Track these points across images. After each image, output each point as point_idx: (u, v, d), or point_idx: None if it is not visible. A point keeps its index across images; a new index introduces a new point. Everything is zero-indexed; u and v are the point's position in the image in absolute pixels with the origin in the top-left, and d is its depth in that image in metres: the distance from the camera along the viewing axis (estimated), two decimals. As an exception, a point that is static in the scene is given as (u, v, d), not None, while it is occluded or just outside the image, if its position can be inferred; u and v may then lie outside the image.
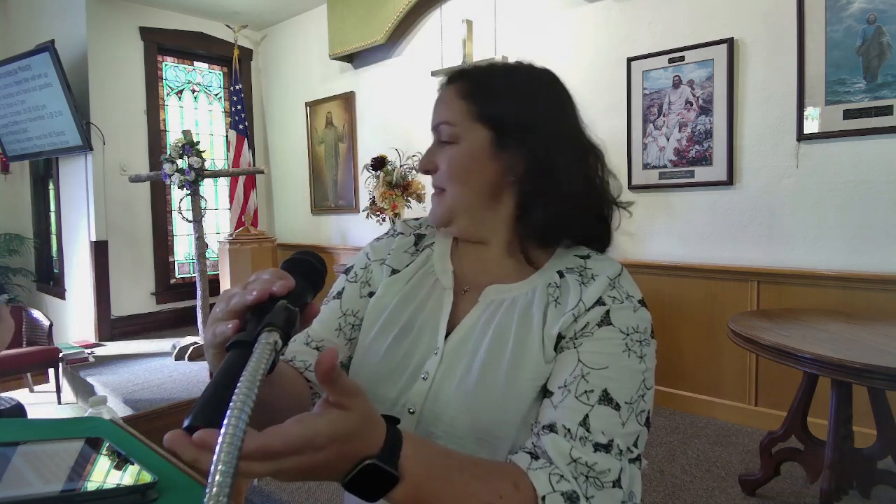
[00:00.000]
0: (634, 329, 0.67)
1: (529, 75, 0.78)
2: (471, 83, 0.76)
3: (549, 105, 0.75)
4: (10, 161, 5.67)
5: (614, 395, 0.63)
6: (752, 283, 2.90)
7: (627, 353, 0.66)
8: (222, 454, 0.41)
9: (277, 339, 0.54)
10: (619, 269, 0.73)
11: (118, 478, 0.88)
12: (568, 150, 0.73)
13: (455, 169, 0.74)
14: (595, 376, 0.63)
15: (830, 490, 1.90)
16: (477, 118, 0.74)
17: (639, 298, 0.70)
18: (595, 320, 0.67)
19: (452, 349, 0.72)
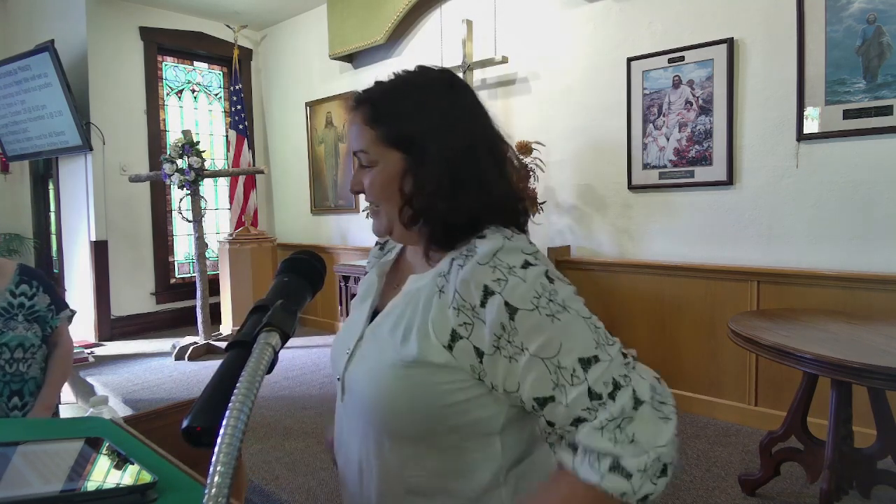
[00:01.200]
0: (537, 295, 0.69)
1: (425, 87, 0.81)
2: (372, 108, 0.80)
3: (448, 112, 0.79)
4: (10, 161, 5.67)
5: (587, 355, 0.67)
6: (752, 283, 2.90)
7: (554, 319, 0.68)
8: (221, 454, 0.41)
9: (277, 338, 0.54)
10: (497, 245, 0.73)
11: (118, 478, 0.88)
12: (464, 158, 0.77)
13: (377, 192, 0.81)
14: (564, 359, 0.67)
15: (830, 490, 1.89)
16: (385, 143, 0.78)
17: (521, 263, 0.71)
18: (504, 315, 0.69)
19: (372, 329, 0.82)
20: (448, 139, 0.77)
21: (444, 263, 0.77)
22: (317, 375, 4.00)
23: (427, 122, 0.78)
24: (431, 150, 0.77)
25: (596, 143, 3.48)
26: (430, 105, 0.80)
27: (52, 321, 1.90)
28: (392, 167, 0.79)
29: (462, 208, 0.76)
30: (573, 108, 3.58)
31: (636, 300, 3.30)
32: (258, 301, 0.61)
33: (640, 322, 3.29)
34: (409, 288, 0.80)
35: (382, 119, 0.79)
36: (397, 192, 0.79)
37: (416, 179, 0.78)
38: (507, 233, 0.77)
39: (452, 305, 0.72)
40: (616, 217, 3.44)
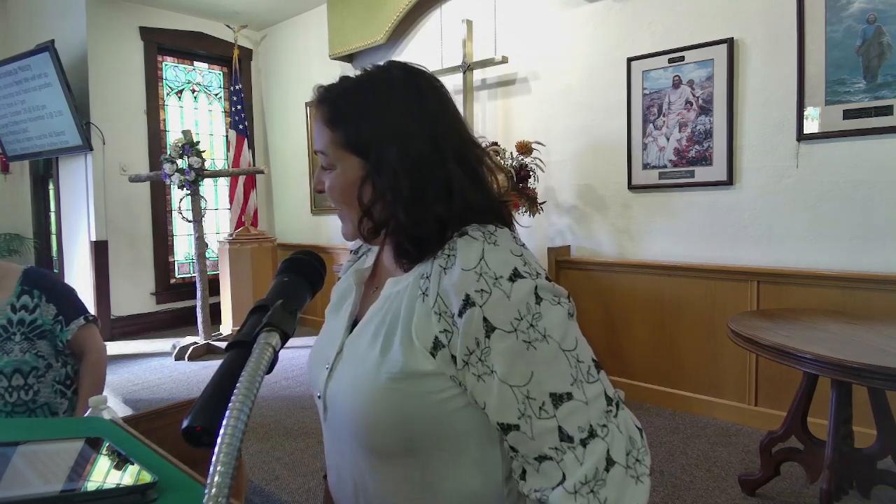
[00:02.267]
0: (518, 317, 0.64)
1: (387, 87, 0.75)
2: (330, 109, 0.75)
3: (407, 117, 0.74)
4: (10, 161, 5.67)
5: (560, 390, 0.63)
6: (752, 283, 2.90)
7: (530, 347, 0.64)
8: (221, 454, 0.41)
9: (277, 338, 0.54)
10: (480, 249, 0.67)
11: (118, 478, 0.88)
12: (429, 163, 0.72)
13: (336, 195, 0.77)
14: (533, 389, 0.63)
15: (830, 490, 1.89)
16: (343, 147, 0.74)
17: (509, 274, 0.66)
18: (480, 331, 0.65)
19: (351, 341, 0.78)
20: (409, 144, 0.72)
21: (425, 265, 0.72)
22: (317, 375, 4.00)
23: (386, 125, 0.73)
24: (390, 156, 0.71)
25: (596, 143, 3.48)
26: (390, 107, 0.74)
27: (62, 334, 1.66)
28: (350, 173, 0.74)
29: (426, 218, 0.71)
30: (573, 108, 3.58)
31: (636, 300, 3.30)
32: (258, 301, 0.61)
33: (640, 322, 3.29)
34: (388, 292, 0.75)
35: (340, 121, 0.74)
36: (357, 197, 0.74)
37: (376, 188, 0.73)
38: (490, 229, 0.71)
39: (434, 310, 0.68)
40: (616, 217, 3.44)
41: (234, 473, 0.40)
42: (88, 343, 1.72)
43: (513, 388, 0.64)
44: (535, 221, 3.58)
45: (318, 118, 0.77)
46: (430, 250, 0.71)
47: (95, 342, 1.74)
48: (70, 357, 1.72)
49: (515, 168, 3.39)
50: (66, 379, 1.70)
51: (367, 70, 0.78)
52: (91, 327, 1.74)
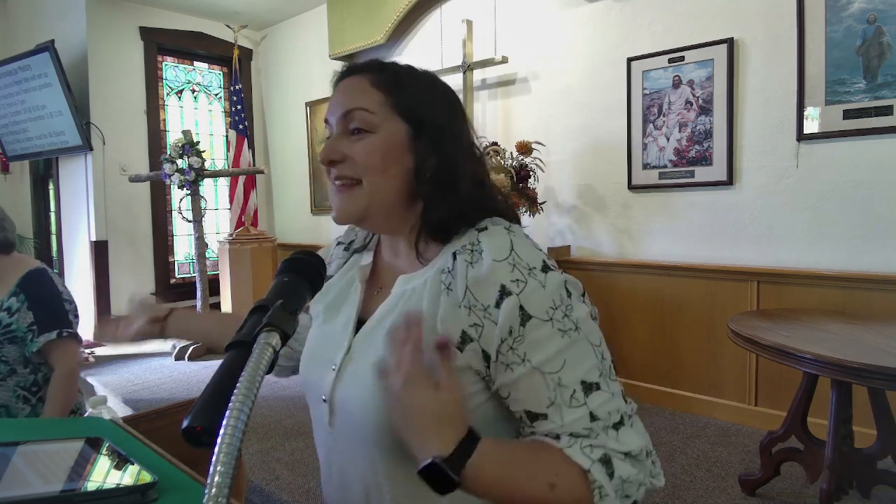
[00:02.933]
0: (554, 306, 0.65)
1: (429, 77, 0.79)
2: (387, 74, 0.75)
3: (450, 107, 0.78)
4: (10, 161, 5.67)
5: (591, 379, 0.65)
6: (752, 283, 2.90)
7: (566, 336, 0.65)
8: (221, 454, 0.41)
9: (277, 338, 0.54)
10: (507, 240, 0.69)
11: (118, 478, 0.88)
12: (468, 153, 0.77)
13: (374, 160, 0.71)
14: (565, 377, 0.64)
15: (830, 490, 1.89)
16: (395, 110, 0.73)
17: (541, 265, 0.67)
18: (516, 320, 0.64)
19: (361, 341, 0.75)
20: (455, 132, 0.76)
21: (443, 259, 0.72)
22: (317, 375, 4.00)
23: (440, 109, 0.76)
24: (440, 135, 0.73)
25: (596, 143, 3.48)
26: (441, 96, 0.78)
27: (30, 345, 1.60)
28: (397, 138, 0.72)
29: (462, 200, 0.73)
30: (573, 108, 3.58)
31: (636, 300, 3.30)
32: (258, 301, 0.61)
33: (640, 322, 3.29)
34: (400, 289, 0.74)
35: (399, 87, 0.74)
36: (399, 165, 0.72)
37: (419, 158, 0.73)
38: (508, 225, 0.73)
39: (464, 304, 0.67)
40: (616, 217, 3.44)
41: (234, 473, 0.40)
42: (57, 358, 1.65)
43: (545, 374, 0.64)
44: (535, 221, 3.58)
45: (358, 82, 0.74)
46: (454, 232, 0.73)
47: (66, 358, 1.66)
48: (43, 365, 1.67)
49: (515, 168, 3.39)
50: (32, 385, 1.65)
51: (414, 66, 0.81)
52: (64, 343, 1.66)
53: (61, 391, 1.64)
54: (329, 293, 0.85)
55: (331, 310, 0.83)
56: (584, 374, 0.64)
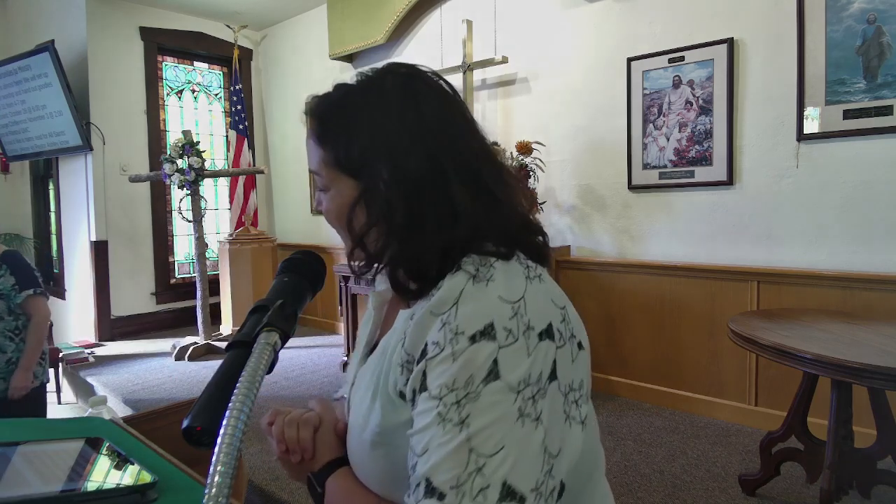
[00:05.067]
0: (450, 387, 0.53)
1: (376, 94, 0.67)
2: (319, 124, 0.68)
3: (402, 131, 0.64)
4: (10, 161, 5.67)
5: (437, 483, 0.51)
6: (752, 283, 2.90)
7: (442, 425, 0.52)
8: (221, 454, 0.41)
9: (277, 338, 0.54)
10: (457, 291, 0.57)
11: (118, 478, 0.88)
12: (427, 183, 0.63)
13: (332, 219, 0.70)
14: (419, 465, 0.53)
15: (830, 490, 1.89)
16: (335, 167, 0.67)
17: (474, 332, 0.54)
18: (417, 384, 0.56)
19: (361, 373, 0.71)
20: (403, 162, 0.62)
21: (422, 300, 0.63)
22: (317, 375, 4.00)
23: (377, 141, 0.64)
24: (384, 175, 0.63)
25: (596, 143, 3.48)
26: (382, 120, 0.65)
27: (15, 299, 2.29)
28: (344, 195, 0.66)
29: (425, 250, 0.61)
30: (573, 108, 3.58)
31: (636, 300, 3.30)
32: (258, 301, 0.61)
33: (640, 322, 3.29)
34: (395, 326, 0.67)
35: (329, 138, 0.67)
36: (354, 222, 0.66)
37: (368, 213, 0.65)
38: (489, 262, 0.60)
39: (399, 361, 0.60)
40: (616, 217, 3.44)
41: (234, 473, 0.40)
42: (34, 309, 2.34)
43: (411, 451, 0.55)
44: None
45: (309, 134, 0.69)
46: (431, 284, 0.62)
47: (39, 309, 2.36)
48: (22, 315, 2.34)
49: (515, 168, 3.39)
50: (15, 329, 2.33)
51: (363, 75, 0.70)
52: (39, 298, 2.35)
53: (39, 333, 2.36)
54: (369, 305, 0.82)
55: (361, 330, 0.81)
56: (433, 474, 0.51)
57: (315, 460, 0.71)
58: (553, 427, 0.55)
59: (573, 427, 0.58)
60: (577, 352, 0.60)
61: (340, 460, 0.70)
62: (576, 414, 0.59)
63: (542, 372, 0.55)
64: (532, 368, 0.54)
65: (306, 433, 0.72)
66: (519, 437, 0.52)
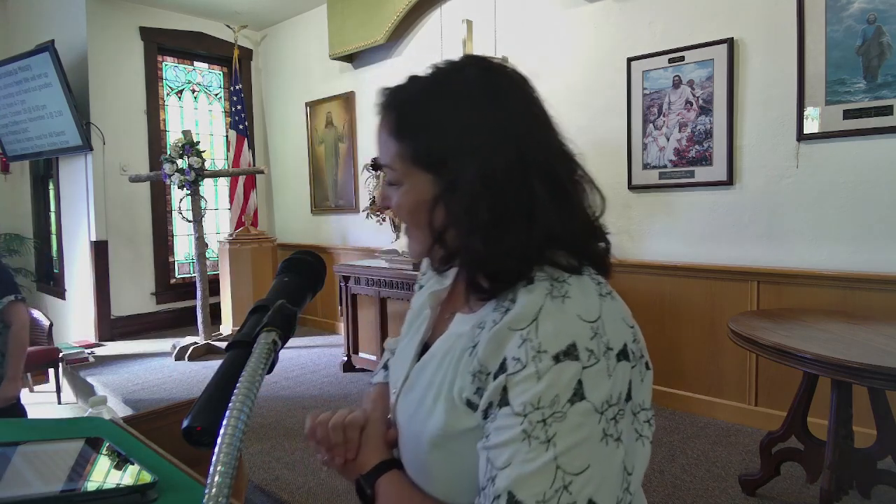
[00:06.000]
0: (535, 405, 0.53)
1: (459, 88, 0.65)
2: (397, 117, 0.66)
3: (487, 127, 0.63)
4: (10, 161, 5.67)
5: (521, 497, 0.52)
6: (752, 283, 2.90)
7: (528, 442, 0.53)
8: (221, 454, 0.41)
9: (276, 338, 0.54)
10: (537, 307, 0.57)
11: (118, 478, 0.88)
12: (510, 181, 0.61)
13: (403, 214, 0.68)
14: (500, 478, 0.53)
15: (830, 490, 1.89)
16: (412, 161, 0.65)
17: (557, 351, 0.54)
18: (496, 398, 0.56)
19: (416, 372, 0.71)
20: (488, 160, 0.61)
21: (486, 308, 0.63)
22: (317, 375, 4.00)
23: (461, 137, 0.62)
24: (467, 172, 0.61)
25: (596, 143, 3.48)
26: (466, 115, 0.63)
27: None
28: (420, 191, 0.65)
29: (507, 249, 0.60)
30: (573, 108, 3.58)
31: (636, 300, 3.29)
32: (258, 301, 0.61)
33: (640, 322, 3.21)
34: (453, 331, 0.68)
35: (407, 132, 0.65)
36: (426, 219, 0.65)
37: (448, 209, 0.63)
38: (562, 276, 0.60)
39: (470, 370, 0.60)
40: (616, 217, 3.43)
41: (234, 473, 0.40)
42: (14, 316, 2.25)
43: (489, 464, 0.56)
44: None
45: (382, 127, 0.67)
46: (506, 287, 0.61)
47: (19, 316, 2.27)
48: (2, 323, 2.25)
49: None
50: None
51: (439, 67, 0.68)
52: (18, 304, 2.28)
53: (20, 340, 2.26)
54: (416, 303, 0.82)
55: (409, 327, 0.81)
56: (517, 488, 0.52)
57: (362, 461, 0.70)
58: (629, 446, 0.57)
59: (645, 445, 0.60)
60: (644, 372, 0.62)
61: (390, 462, 0.69)
62: (647, 433, 0.61)
63: (620, 392, 0.56)
64: (613, 390, 0.55)
65: (353, 434, 0.72)
66: (603, 457, 0.54)
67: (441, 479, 0.64)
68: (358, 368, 4.04)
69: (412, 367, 0.72)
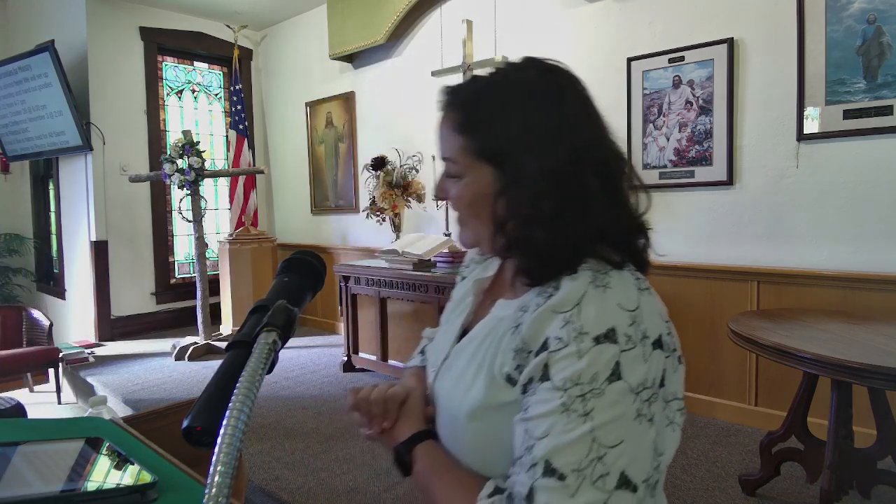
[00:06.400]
0: (575, 381, 0.57)
1: (523, 87, 0.69)
2: (463, 113, 0.70)
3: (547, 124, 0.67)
4: (10, 161, 5.67)
5: (557, 465, 0.55)
6: (752, 283, 2.90)
7: (566, 414, 0.57)
8: (221, 454, 0.41)
9: (276, 338, 0.54)
10: (580, 293, 0.61)
11: (118, 478, 0.88)
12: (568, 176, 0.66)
13: (463, 205, 0.73)
14: (538, 447, 0.57)
15: (830, 490, 1.89)
16: (476, 155, 0.69)
17: (598, 333, 0.59)
18: (537, 374, 0.60)
19: (457, 352, 0.76)
20: (551, 153, 0.65)
21: (530, 294, 0.68)
22: (317, 375, 4.00)
23: (525, 133, 0.67)
24: (531, 166, 0.65)
25: (596, 143, 3.48)
26: (530, 112, 0.67)
27: None
28: (482, 183, 0.69)
29: (564, 238, 0.65)
30: (573, 108, 3.58)
31: (636, 300, 3.29)
32: (258, 301, 0.61)
33: (640, 322, 3.29)
34: (495, 314, 0.72)
35: (474, 127, 0.69)
36: (487, 212, 0.69)
37: (511, 201, 0.67)
38: (604, 269, 0.64)
39: (513, 347, 0.65)
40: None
41: (234, 473, 0.40)
42: None
43: (527, 432, 0.60)
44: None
45: (446, 123, 0.72)
46: (555, 274, 0.65)
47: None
48: None
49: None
50: None
51: (499, 69, 0.72)
52: None
53: None
54: (458, 293, 0.89)
55: (450, 314, 0.86)
56: (554, 457, 0.56)
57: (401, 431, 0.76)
58: (660, 429, 0.61)
59: (676, 431, 0.65)
60: (677, 365, 0.66)
61: (426, 433, 0.74)
62: (678, 420, 0.65)
63: (655, 378, 0.60)
64: (648, 374, 0.59)
65: (392, 406, 0.77)
66: (636, 434, 0.58)
67: (475, 450, 0.68)
68: (358, 368, 4.04)
69: (452, 348, 0.78)
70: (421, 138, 4.35)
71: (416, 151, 4.13)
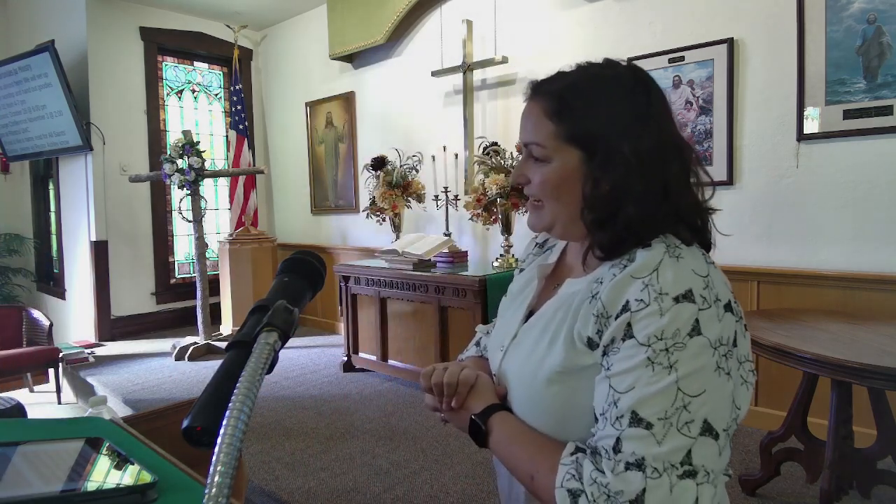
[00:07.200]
0: (658, 336, 0.63)
1: (616, 82, 0.76)
2: (556, 101, 0.76)
3: (635, 114, 0.74)
4: (10, 161, 5.67)
5: (644, 415, 0.61)
6: (752, 282, 2.90)
7: (651, 367, 0.62)
8: (221, 454, 0.41)
9: (276, 338, 0.54)
10: (656, 260, 0.67)
11: (118, 478, 0.88)
12: (649, 158, 0.72)
13: (549, 188, 0.77)
14: (623, 400, 0.63)
15: (830, 490, 1.89)
16: (566, 140, 0.74)
17: (677, 294, 0.64)
18: (620, 334, 0.65)
19: (525, 330, 0.83)
20: (640, 139, 0.72)
21: (602, 269, 0.73)
22: (317, 375, 4.00)
23: (616, 121, 0.73)
24: (622, 150, 0.71)
25: (596, 143, 3.48)
26: (622, 102, 0.74)
27: None
28: (569, 166, 0.75)
29: (650, 214, 0.71)
30: (573, 108, 3.58)
31: (636, 300, 3.29)
32: (258, 301, 0.61)
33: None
34: (566, 291, 0.78)
35: (567, 114, 0.74)
36: (572, 192, 0.75)
37: (598, 182, 0.73)
38: (675, 241, 0.70)
39: (593, 312, 0.69)
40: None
41: (234, 473, 0.40)
42: None
43: (611, 388, 0.65)
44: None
45: (534, 110, 0.78)
46: (629, 248, 0.71)
47: None
48: None
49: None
50: None
51: (586, 66, 0.80)
52: None
53: None
54: (516, 284, 0.94)
55: (513, 300, 0.92)
56: (640, 407, 0.61)
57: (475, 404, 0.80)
58: (736, 385, 0.66)
59: (749, 390, 0.69)
60: (744, 331, 0.70)
61: (500, 405, 0.79)
62: (751, 380, 0.70)
63: (728, 337, 0.65)
64: (722, 332, 0.65)
65: (463, 389, 0.82)
66: (717, 385, 0.63)
67: (553, 413, 0.73)
68: (358, 368, 4.04)
69: (520, 328, 0.84)
70: (421, 138, 4.35)
71: (415, 151, 4.13)
